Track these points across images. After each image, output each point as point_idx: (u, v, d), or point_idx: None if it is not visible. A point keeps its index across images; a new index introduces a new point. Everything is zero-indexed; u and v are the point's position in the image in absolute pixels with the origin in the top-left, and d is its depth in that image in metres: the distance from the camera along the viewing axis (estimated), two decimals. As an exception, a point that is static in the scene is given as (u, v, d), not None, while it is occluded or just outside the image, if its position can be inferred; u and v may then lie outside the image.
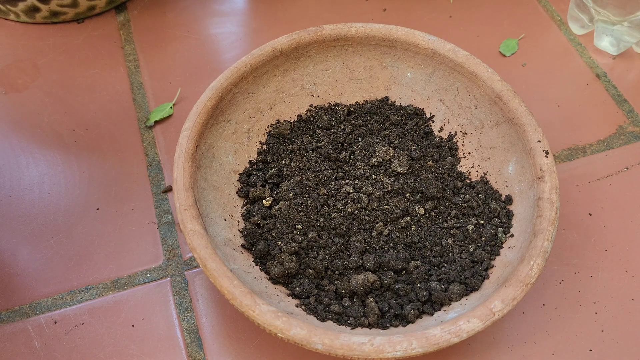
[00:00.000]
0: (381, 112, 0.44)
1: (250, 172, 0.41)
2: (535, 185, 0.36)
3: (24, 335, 0.37)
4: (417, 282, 0.36)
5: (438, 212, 0.40)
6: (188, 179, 0.36)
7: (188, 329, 0.38)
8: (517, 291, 0.32)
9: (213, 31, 0.53)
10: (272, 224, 0.38)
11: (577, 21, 0.53)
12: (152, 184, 0.44)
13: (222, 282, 0.32)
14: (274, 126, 0.43)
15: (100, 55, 0.51)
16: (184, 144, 0.37)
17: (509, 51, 0.52)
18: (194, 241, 0.33)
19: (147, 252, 0.41)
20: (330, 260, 0.37)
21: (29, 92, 0.48)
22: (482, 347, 0.37)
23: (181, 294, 0.39)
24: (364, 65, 0.45)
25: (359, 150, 0.42)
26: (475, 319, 0.31)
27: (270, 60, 0.42)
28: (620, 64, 0.52)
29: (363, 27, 0.43)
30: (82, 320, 0.38)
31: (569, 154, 0.46)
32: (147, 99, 0.48)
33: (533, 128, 0.38)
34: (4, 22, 0.53)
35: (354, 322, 0.34)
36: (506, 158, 0.40)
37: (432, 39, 0.42)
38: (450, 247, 0.38)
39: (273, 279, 0.36)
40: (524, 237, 0.36)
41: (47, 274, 0.40)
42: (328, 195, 0.39)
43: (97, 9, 0.53)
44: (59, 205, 0.43)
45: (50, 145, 0.46)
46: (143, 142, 0.46)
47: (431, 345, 0.30)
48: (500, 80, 0.40)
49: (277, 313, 0.31)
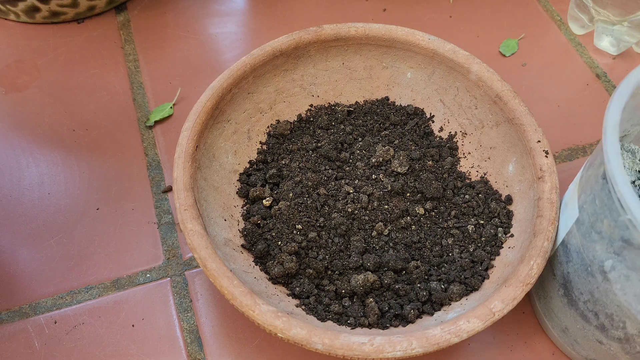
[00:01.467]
0: (381, 112, 0.44)
1: (250, 172, 0.41)
2: (535, 185, 0.36)
3: (24, 335, 0.37)
4: (417, 282, 0.36)
5: (438, 212, 0.40)
6: (188, 179, 0.36)
7: (188, 329, 0.38)
8: (517, 291, 0.32)
9: (213, 31, 0.53)
10: (272, 224, 0.38)
11: (577, 21, 0.53)
12: (152, 184, 0.44)
13: (222, 282, 0.32)
14: (274, 126, 0.43)
15: (100, 55, 0.51)
16: (184, 144, 0.37)
17: (509, 51, 0.52)
18: (194, 241, 0.33)
19: (147, 252, 0.41)
20: (330, 260, 0.37)
21: (29, 92, 0.48)
22: (482, 347, 0.37)
23: (181, 294, 0.39)
24: (364, 65, 0.45)
25: (359, 150, 0.42)
26: (475, 319, 0.31)
27: (270, 60, 0.42)
28: (620, 64, 0.52)
29: (363, 27, 0.43)
30: (82, 320, 0.38)
31: (569, 154, 0.46)
32: (147, 99, 0.48)
33: (533, 128, 0.38)
34: (4, 22, 0.53)
35: (354, 322, 0.34)
36: (506, 158, 0.40)
37: (432, 39, 0.42)
38: (450, 247, 0.38)
39: (273, 279, 0.36)
40: (524, 237, 0.36)
41: (47, 274, 0.40)
42: (328, 195, 0.39)
43: (97, 9, 0.53)
44: (59, 205, 0.43)
45: (50, 145, 0.46)
46: (143, 142, 0.46)
47: (431, 345, 0.30)
48: (500, 80, 0.40)
49: (277, 313, 0.31)
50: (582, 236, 0.30)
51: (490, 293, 0.33)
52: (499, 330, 0.38)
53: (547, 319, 0.36)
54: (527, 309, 0.39)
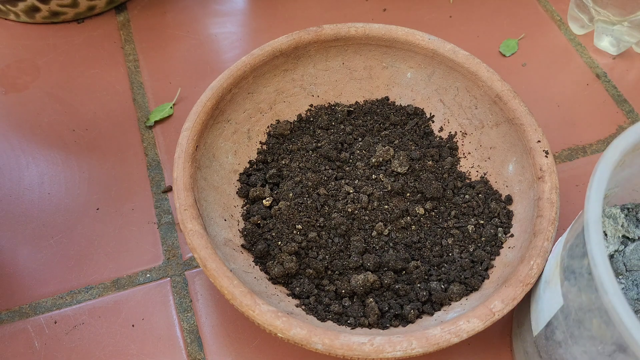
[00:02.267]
0: (381, 112, 0.44)
1: (250, 172, 0.41)
2: (535, 185, 0.36)
3: (24, 335, 0.37)
4: (417, 282, 0.36)
5: (438, 212, 0.40)
6: (188, 179, 0.36)
7: (188, 329, 0.38)
8: (517, 291, 0.32)
9: (213, 31, 0.53)
10: (272, 224, 0.38)
11: (577, 21, 0.53)
12: (152, 184, 0.44)
13: (222, 282, 0.32)
14: (274, 126, 0.43)
15: (100, 55, 0.51)
16: (184, 144, 0.37)
17: (509, 51, 0.52)
18: (194, 241, 0.33)
19: (147, 252, 0.41)
20: (330, 260, 0.37)
21: (29, 92, 0.48)
22: (482, 347, 0.37)
23: (181, 294, 0.39)
24: (364, 65, 0.45)
25: (359, 150, 0.42)
26: (475, 319, 0.31)
27: (270, 60, 0.42)
28: (620, 64, 0.52)
29: (363, 27, 0.43)
30: (82, 320, 0.38)
31: (569, 154, 0.46)
32: (147, 99, 0.48)
33: (533, 128, 0.38)
34: (4, 22, 0.53)
35: (354, 322, 0.34)
36: (506, 158, 0.40)
37: (432, 39, 0.42)
38: (450, 247, 0.38)
39: (273, 279, 0.36)
40: (524, 237, 0.36)
41: (47, 274, 0.40)
42: (328, 195, 0.39)
43: (97, 9, 0.53)
44: (59, 205, 0.43)
45: (50, 145, 0.46)
46: (143, 142, 0.46)
47: (431, 345, 0.30)
48: (500, 80, 0.40)
49: (277, 313, 0.31)
50: (568, 327, 0.27)
51: (490, 293, 0.33)
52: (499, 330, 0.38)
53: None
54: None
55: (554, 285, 0.29)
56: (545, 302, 0.30)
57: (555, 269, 0.29)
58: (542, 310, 0.30)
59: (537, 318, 0.31)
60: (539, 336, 0.31)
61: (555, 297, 0.28)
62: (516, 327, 0.35)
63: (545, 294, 0.30)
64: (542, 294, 0.31)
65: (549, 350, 0.29)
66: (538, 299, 0.31)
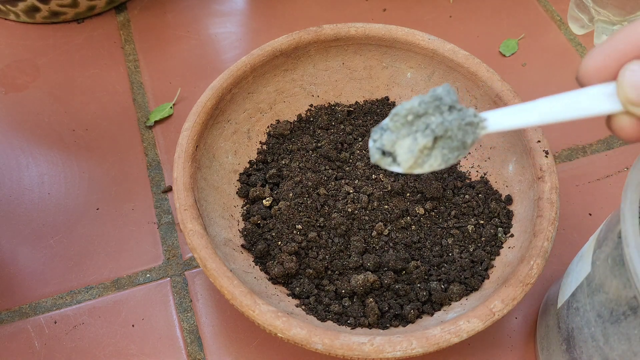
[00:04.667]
0: (381, 112, 0.44)
1: (250, 172, 0.41)
2: (535, 185, 0.36)
3: (24, 335, 0.37)
4: (417, 282, 0.36)
5: (438, 212, 0.40)
6: (188, 179, 0.36)
7: (188, 329, 0.38)
8: (517, 291, 0.32)
9: (213, 31, 0.53)
10: (272, 224, 0.38)
11: (577, 21, 0.53)
12: (152, 184, 0.44)
13: (222, 282, 0.32)
14: (274, 126, 0.43)
15: (100, 55, 0.51)
16: (184, 144, 0.37)
17: (509, 51, 0.52)
18: (194, 241, 0.33)
19: (147, 252, 0.41)
20: (330, 260, 0.37)
21: (29, 92, 0.48)
22: (482, 347, 0.37)
23: (181, 294, 0.39)
24: (364, 65, 0.45)
25: (359, 150, 0.42)
26: (475, 319, 0.31)
27: (270, 60, 0.42)
28: (620, 64, 0.52)
29: (363, 27, 0.43)
30: (82, 320, 0.38)
31: (569, 154, 0.46)
32: (147, 99, 0.48)
33: (533, 128, 0.38)
34: (4, 22, 0.53)
35: (354, 322, 0.34)
36: (506, 158, 0.40)
37: (432, 39, 0.42)
38: (450, 247, 0.38)
39: (273, 279, 0.36)
40: (524, 237, 0.36)
41: (47, 274, 0.40)
42: (328, 195, 0.39)
43: (97, 9, 0.53)
44: (59, 205, 0.43)
45: (50, 145, 0.46)
46: (143, 142, 0.46)
47: (431, 345, 0.30)
48: (500, 80, 0.40)
49: (277, 313, 0.31)
50: (589, 293, 0.29)
51: (490, 293, 0.33)
52: (499, 330, 0.38)
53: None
54: (527, 309, 0.39)
55: (586, 257, 0.31)
56: (575, 274, 0.32)
57: (592, 242, 0.31)
58: (570, 283, 0.32)
59: (564, 291, 0.33)
60: (562, 307, 0.32)
61: (585, 267, 0.30)
62: (544, 304, 0.37)
63: (577, 267, 0.32)
64: (574, 267, 0.33)
65: (568, 320, 0.31)
66: (570, 273, 0.33)
